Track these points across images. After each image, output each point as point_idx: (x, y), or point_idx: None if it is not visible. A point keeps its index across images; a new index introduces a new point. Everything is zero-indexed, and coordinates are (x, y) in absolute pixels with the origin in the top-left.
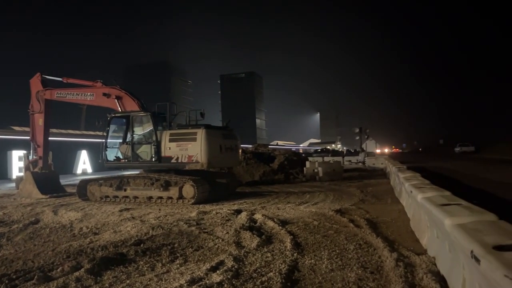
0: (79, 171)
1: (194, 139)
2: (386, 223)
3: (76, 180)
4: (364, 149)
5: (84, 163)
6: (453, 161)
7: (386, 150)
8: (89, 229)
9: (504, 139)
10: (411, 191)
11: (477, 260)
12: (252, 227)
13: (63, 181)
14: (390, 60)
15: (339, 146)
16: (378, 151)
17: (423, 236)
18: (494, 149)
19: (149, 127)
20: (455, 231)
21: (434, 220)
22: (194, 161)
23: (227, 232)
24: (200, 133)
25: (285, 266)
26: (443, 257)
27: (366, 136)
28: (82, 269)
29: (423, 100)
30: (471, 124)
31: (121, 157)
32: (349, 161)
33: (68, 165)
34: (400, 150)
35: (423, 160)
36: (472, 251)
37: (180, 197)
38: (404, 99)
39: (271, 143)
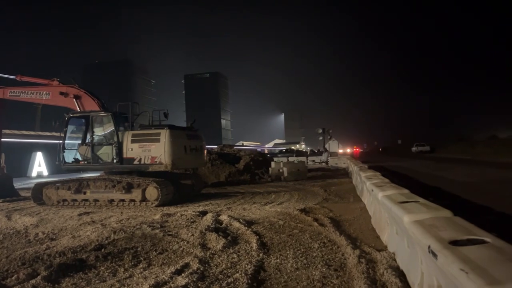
0: (34, 174)
1: (158, 140)
2: (349, 221)
3: (31, 183)
4: (327, 149)
5: (39, 166)
6: (411, 160)
7: (348, 150)
8: (45, 235)
9: (455, 139)
10: (372, 190)
11: (434, 255)
12: (218, 228)
13: (17, 184)
14: (352, 64)
15: (303, 146)
16: (340, 151)
17: (384, 232)
18: (447, 148)
19: (110, 128)
20: (413, 228)
21: (394, 217)
22: (157, 162)
23: (192, 234)
24: (164, 134)
25: (251, 267)
26: (402, 252)
27: (329, 137)
28: (39, 277)
29: (383, 102)
30: (426, 125)
31: (80, 158)
32: (313, 161)
33: (22, 168)
34: (361, 150)
35: (383, 160)
36: (429, 246)
37: (143, 199)
38: (365, 101)
39: (237, 144)
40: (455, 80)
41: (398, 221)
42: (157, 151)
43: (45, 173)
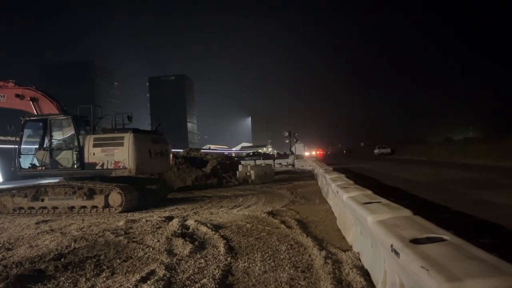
0: None
1: (121, 144)
2: (315, 222)
3: None
4: (293, 152)
5: None
6: (373, 162)
7: (314, 153)
8: (1, 245)
9: (414, 142)
10: (337, 191)
11: (397, 253)
12: (185, 233)
13: None
14: (317, 69)
15: (270, 149)
16: (306, 153)
17: (349, 233)
18: (406, 150)
19: (70, 132)
20: (377, 227)
21: (358, 218)
22: (121, 167)
23: (158, 240)
24: (128, 138)
25: (218, 271)
26: (366, 252)
27: (295, 140)
28: None
29: (347, 106)
30: (388, 128)
31: (37, 164)
32: (280, 164)
33: None
34: (325, 153)
35: (347, 162)
36: (392, 245)
37: (106, 205)
38: (330, 104)
39: (203, 147)
40: (415, 85)
41: (362, 222)
42: (120, 155)
43: (0, 179)
